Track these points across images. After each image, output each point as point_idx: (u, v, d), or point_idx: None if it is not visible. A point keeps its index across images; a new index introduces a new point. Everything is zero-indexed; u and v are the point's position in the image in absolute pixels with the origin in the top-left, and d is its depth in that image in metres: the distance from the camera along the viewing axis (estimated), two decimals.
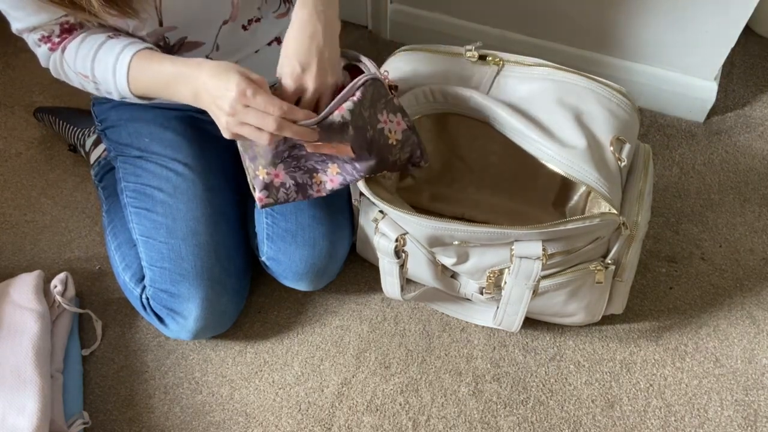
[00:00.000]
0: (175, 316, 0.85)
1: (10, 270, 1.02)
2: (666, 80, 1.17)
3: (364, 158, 0.73)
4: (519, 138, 0.78)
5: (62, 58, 0.77)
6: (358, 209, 0.91)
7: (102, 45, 0.75)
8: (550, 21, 1.18)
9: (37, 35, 0.75)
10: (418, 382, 0.90)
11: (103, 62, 0.74)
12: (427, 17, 1.27)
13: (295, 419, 0.87)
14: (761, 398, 0.88)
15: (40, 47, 0.77)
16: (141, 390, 0.90)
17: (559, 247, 0.76)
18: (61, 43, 0.76)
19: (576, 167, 0.73)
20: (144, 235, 0.87)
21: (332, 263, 0.91)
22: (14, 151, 1.17)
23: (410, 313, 0.97)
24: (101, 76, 0.75)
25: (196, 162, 0.90)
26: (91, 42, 0.75)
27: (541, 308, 0.86)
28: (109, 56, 0.74)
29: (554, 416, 0.87)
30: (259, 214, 0.91)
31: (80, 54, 0.75)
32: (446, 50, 0.86)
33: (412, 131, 0.76)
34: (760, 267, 1.01)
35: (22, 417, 0.79)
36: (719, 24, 1.05)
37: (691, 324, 0.95)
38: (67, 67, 0.77)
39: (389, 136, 0.75)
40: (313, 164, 0.76)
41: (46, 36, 0.76)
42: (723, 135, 1.18)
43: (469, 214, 1.03)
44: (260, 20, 0.87)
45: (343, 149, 0.71)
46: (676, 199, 1.09)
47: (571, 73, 0.81)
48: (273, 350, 0.94)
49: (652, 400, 0.88)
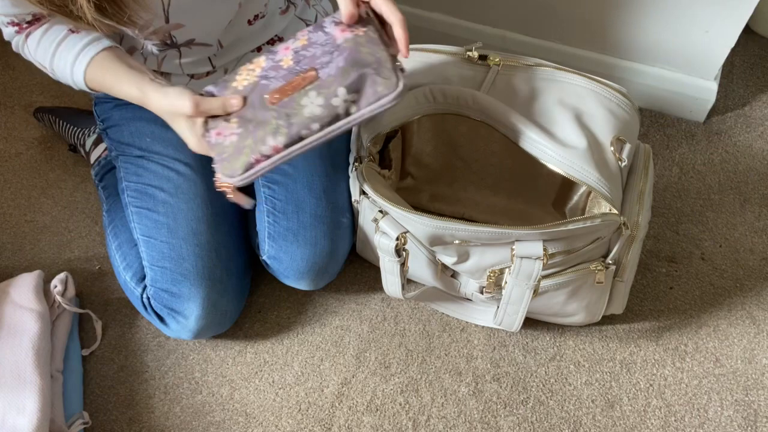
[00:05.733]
0: (176, 316, 0.85)
1: (10, 270, 1.02)
2: (666, 80, 1.17)
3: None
4: (519, 138, 0.78)
5: (25, 44, 0.78)
6: (358, 209, 0.91)
7: (62, 41, 0.75)
8: (550, 21, 1.18)
9: (8, 19, 0.76)
10: (418, 382, 0.90)
11: (63, 59, 0.75)
12: (427, 17, 1.27)
13: (295, 419, 0.87)
14: (761, 398, 0.88)
15: (7, 28, 0.78)
16: (141, 390, 0.90)
17: (560, 247, 0.76)
18: (28, 28, 0.77)
19: (576, 167, 0.73)
20: (145, 234, 0.87)
21: (333, 262, 0.91)
22: (14, 151, 1.17)
23: (410, 313, 0.97)
24: (60, 72, 0.77)
25: (198, 162, 0.90)
26: (52, 36, 0.76)
27: (541, 308, 0.86)
28: (69, 55, 0.75)
29: (554, 416, 0.87)
30: (260, 214, 0.91)
31: (41, 46, 0.76)
32: (446, 50, 0.86)
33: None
34: (760, 267, 1.01)
35: (22, 417, 0.79)
36: (719, 24, 1.05)
37: (691, 324, 0.95)
38: (28, 52, 0.79)
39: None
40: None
41: (16, 22, 0.77)
42: (723, 135, 1.18)
43: (469, 213, 1.03)
44: (265, 16, 0.87)
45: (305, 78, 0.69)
46: (676, 199, 1.09)
47: (571, 73, 0.81)
48: (273, 350, 0.94)
49: (652, 400, 0.88)
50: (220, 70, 0.89)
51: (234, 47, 0.87)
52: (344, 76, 0.67)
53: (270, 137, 0.67)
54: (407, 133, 1.00)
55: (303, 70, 0.69)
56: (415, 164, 1.04)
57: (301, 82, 0.69)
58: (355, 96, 0.67)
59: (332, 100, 0.66)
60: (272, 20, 0.89)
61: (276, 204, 0.90)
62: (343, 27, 0.70)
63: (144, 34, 0.79)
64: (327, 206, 0.89)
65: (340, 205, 0.91)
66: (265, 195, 0.91)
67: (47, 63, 0.77)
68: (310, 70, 0.69)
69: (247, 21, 0.85)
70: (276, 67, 0.71)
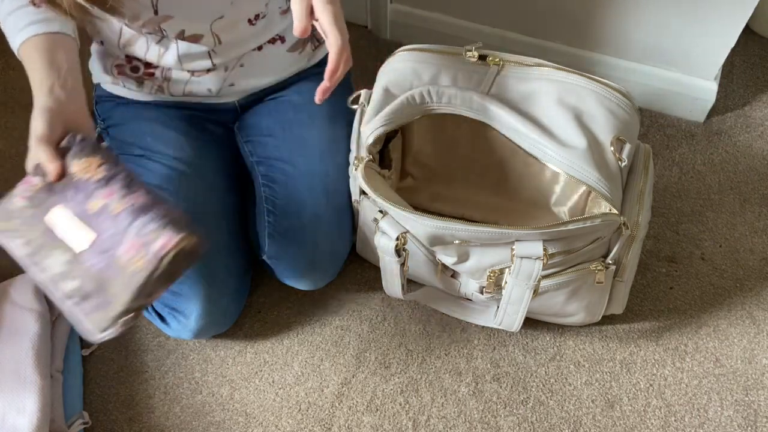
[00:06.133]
0: (177, 315, 0.86)
1: (10, 270, 1.02)
2: (666, 80, 1.17)
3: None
4: (519, 138, 0.78)
5: None
6: (358, 209, 0.91)
7: (19, 9, 0.75)
8: (550, 21, 1.18)
9: None
10: (418, 382, 0.90)
11: (12, 25, 0.75)
12: (427, 17, 1.27)
13: (295, 419, 0.87)
14: (761, 398, 0.88)
15: None
16: (141, 390, 0.90)
17: (560, 247, 0.76)
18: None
19: (576, 167, 0.74)
20: None
21: (333, 262, 0.91)
22: (14, 151, 1.17)
23: (410, 313, 0.97)
24: (7, 35, 0.77)
25: (198, 161, 0.90)
26: (10, 3, 0.75)
27: (541, 308, 0.86)
28: (16, 25, 0.75)
29: (554, 416, 0.87)
30: (261, 213, 0.91)
31: (3, 4, 0.76)
32: (446, 50, 0.86)
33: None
34: (760, 267, 1.01)
35: (22, 417, 0.79)
36: (719, 24, 1.05)
37: (691, 324, 0.95)
38: None
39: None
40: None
41: None
42: (723, 135, 1.18)
43: (469, 214, 1.03)
44: (266, 16, 0.87)
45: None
46: (676, 199, 1.09)
47: (571, 73, 0.81)
48: (273, 350, 0.94)
49: (652, 400, 0.88)
50: (221, 68, 0.89)
51: (235, 46, 0.87)
52: (82, 288, 0.66)
53: (21, 242, 0.68)
54: (407, 133, 1.00)
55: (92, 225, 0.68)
56: (415, 164, 1.04)
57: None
58: (77, 301, 0.65)
59: (63, 285, 0.66)
60: (273, 20, 0.89)
61: (276, 204, 0.90)
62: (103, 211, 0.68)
63: (135, 25, 0.79)
64: (327, 206, 0.89)
65: (340, 205, 0.91)
66: (266, 195, 0.91)
67: (1, 19, 0.77)
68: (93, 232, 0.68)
69: (248, 20, 0.85)
70: (81, 190, 0.69)
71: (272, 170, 0.92)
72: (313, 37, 0.97)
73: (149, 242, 0.64)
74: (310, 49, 0.97)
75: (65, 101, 0.72)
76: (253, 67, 0.91)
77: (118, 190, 0.68)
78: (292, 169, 0.91)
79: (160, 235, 0.64)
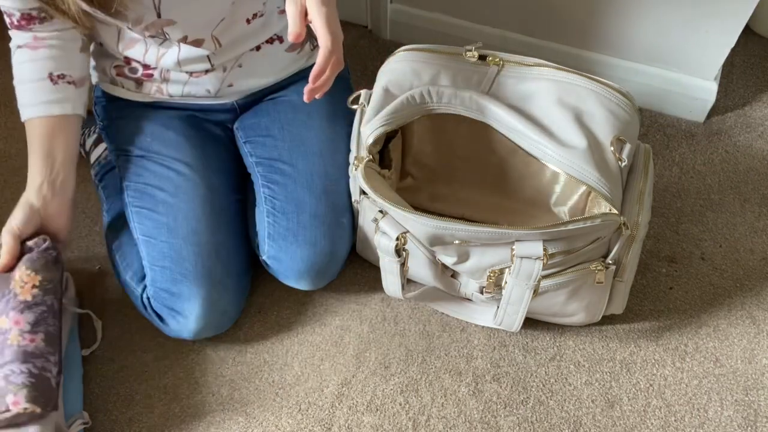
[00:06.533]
0: (176, 316, 0.85)
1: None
2: (666, 80, 1.17)
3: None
4: (519, 138, 0.78)
5: (12, 43, 0.82)
6: (358, 209, 0.91)
7: (35, 81, 0.80)
8: (550, 21, 1.18)
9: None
10: (418, 382, 0.90)
11: (24, 94, 0.81)
12: (427, 17, 1.27)
13: (295, 419, 0.87)
14: (761, 398, 0.88)
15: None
16: (141, 390, 0.90)
17: (560, 247, 0.76)
18: (20, 28, 0.80)
19: (576, 167, 0.74)
20: (145, 234, 0.87)
21: (333, 263, 0.91)
22: (14, 151, 1.17)
23: (410, 313, 0.97)
24: (18, 96, 0.82)
25: (198, 162, 0.90)
26: (32, 70, 0.80)
27: (542, 308, 0.86)
28: (28, 97, 0.81)
29: (554, 416, 0.87)
30: (261, 213, 0.91)
31: (21, 68, 0.81)
32: (446, 50, 0.86)
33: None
34: (760, 267, 1.01)
35: None
36: (719, 24, 1.05)
37: (691, 324, 0.95)
38: (12, 59, 0.82)
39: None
40: None
41: (7, 14, 0.79)
42: (723, 135, 1.18)
43: (469, 213, 1.03)
44: (263, 15, 0.87)
45: None
46: (676, 199, 1.09)
47: (571, 73, 0.81)
48: (273, 350, 0.94)
49: (652, 400, 0.88)
50: (219, 69, 0.89)
51: (233, 46, 0.87)
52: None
53: None
54: (407, 133, 1.00)
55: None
56: (415, 164, 1.04)
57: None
58: None
59: None
60: (271, 19, 0.89)
61: (276, 204, 0.90)
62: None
63: (138, 28, 0.79)
64: (327, 206, 0.89)
65: (340, 205, 0.91)
66: (265, 195, 0.91)
67: (16, 81, 0.81)
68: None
69: (245, 20, 0.85)
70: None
71: (272, 170, 0.92)
72: (312, 36, 0.97)
73: (5, 392, 0.72)
74: (309, 48, 0.97)
75: (50, 201, 0.80)
76: (252, 68, 0.91)
77: (25, 324, 0.75)
78: (292, 170, 0.91)
79: (16, 392, 0.72)
